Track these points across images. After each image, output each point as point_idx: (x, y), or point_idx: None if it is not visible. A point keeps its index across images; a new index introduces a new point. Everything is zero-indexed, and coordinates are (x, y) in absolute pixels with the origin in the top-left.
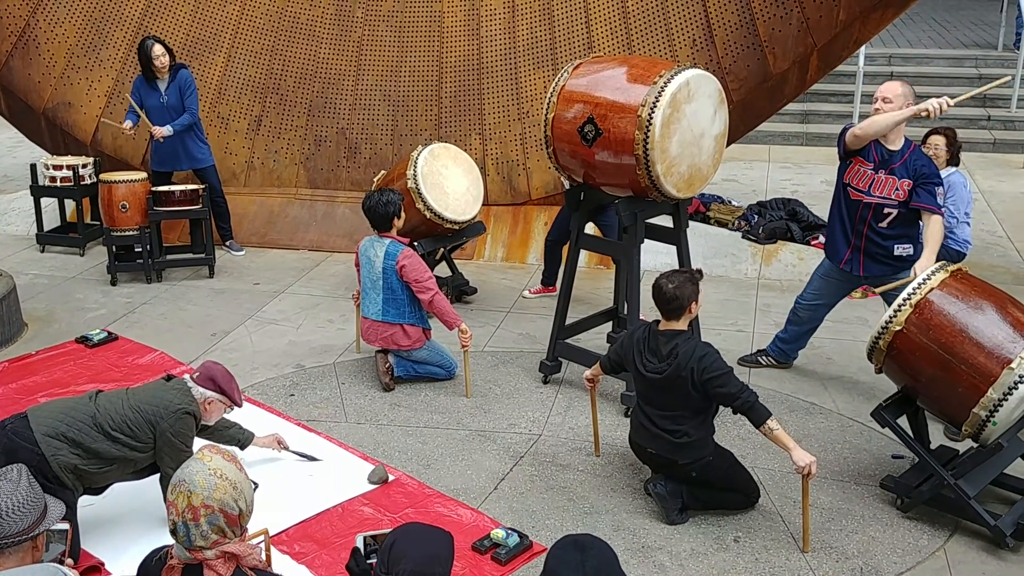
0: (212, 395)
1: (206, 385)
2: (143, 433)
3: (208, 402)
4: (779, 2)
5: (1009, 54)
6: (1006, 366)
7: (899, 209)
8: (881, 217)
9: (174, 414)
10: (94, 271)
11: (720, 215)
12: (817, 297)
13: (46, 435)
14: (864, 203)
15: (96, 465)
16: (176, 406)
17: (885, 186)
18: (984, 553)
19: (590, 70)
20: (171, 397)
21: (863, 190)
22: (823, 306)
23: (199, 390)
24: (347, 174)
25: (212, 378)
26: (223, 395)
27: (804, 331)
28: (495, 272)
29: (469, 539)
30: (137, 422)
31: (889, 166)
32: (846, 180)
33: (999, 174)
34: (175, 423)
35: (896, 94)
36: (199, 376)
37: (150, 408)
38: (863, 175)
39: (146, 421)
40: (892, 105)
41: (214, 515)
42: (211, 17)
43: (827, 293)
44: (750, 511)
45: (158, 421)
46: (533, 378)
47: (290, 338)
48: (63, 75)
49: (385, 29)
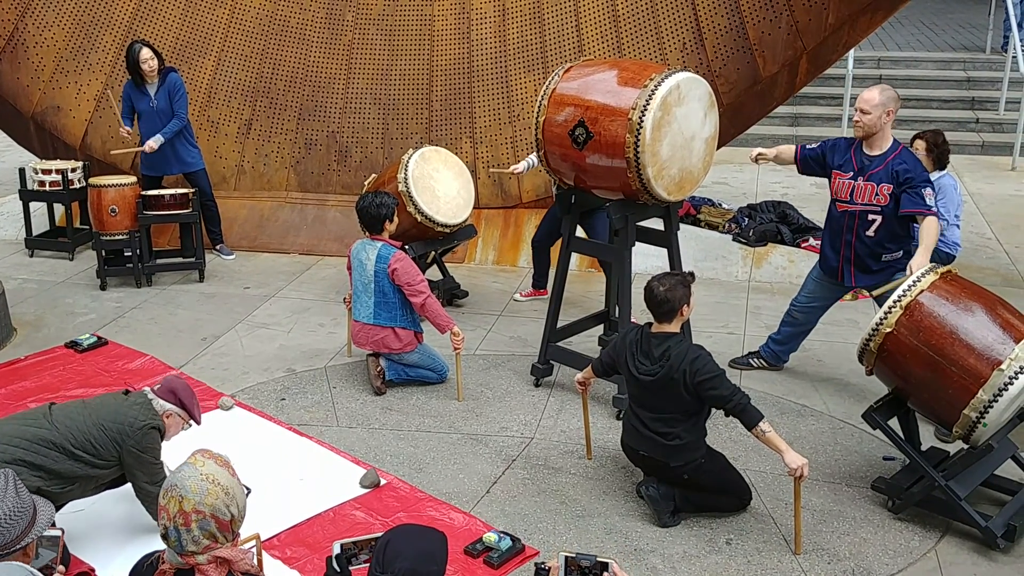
0: (172, 408)
1: (167, 398)
2: (107, 451)
3: (167, 415)
4: (768, 6)
5: (997, 57)
6: (996, 367)
7: (883, 215)
8: (867, 224)
9: (139, 431)
10: (83, 275)
11: (711, 218)
12: (811, 300)
13: (4, 462)
14: (849, 212)
15: (59, 485)
16: (140, 422)
17: (865, 192)
18: (975, 554)
19: (581, 73)
20: (134, 413)
21: (846, 199)
22: (818, 308)
23: (159, 402)
24: (338, 178)
25: (174, 391)
26: (183, 410)
27: (798, 332)
28: (486, 275)
29: (461, 543)
30: (102, 440)
31: (868, 172)
32: (832, 195)
33: (987, 176)
34: (142, 439)
35: (874, 104)
36: (160, 388)
37: (114, 426)
38: (843, 186)
39: (111, 440)
40: (869, 117)
41: (205, 520)
42: (200, 21)
43: (821, 296)
44: (742, 513)
45: (123, 440)
46: (525, 381)
47: (281, 342)
48: (52, 79)
49: (375, 33)
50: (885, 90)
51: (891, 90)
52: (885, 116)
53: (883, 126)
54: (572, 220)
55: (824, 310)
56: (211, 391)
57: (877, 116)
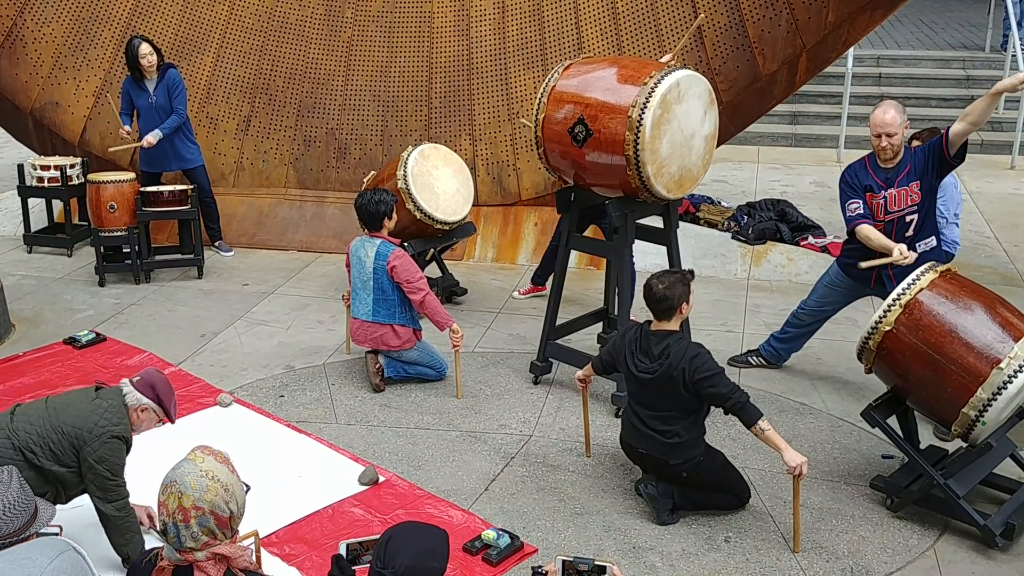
0: (148, 403)
1: (145, 392)
2: (67, 457)
3: (142, 409)
4: (768, 4)
5: (996, 55)
6: (995, 366)
7: (919, 211)
8: (905, 226)
9: (99, 438)
10: (82, 272)
11: (710, 216)
12: (823, 304)
13: None
14: (887, 222)
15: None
16: (102, 428)
17: (899, 198)
18: (974, 553)
19: (580, 71)
20: (96, 418)
21: (882, 216)
22: (828, 312)
23: (135, 395)
24: (337, 175)
25: (152, 385)
26: (159, 405)
27: (802, 333)
28: (485, 273)
29: (460, 540)
30: (61, 445)
31: (895, 180)
32: (873, 216)
33: (987, 175)
34: (99, 448)
35: (896, 125)
36: (139, 381)
37: (74, 431)
38: (878, 205)
39: (70, 445)
40: (897, 137)
41: (204, 517)
42: (200, 17)
43: (832, 301)
44: (741, 511)
45: (82, 445)
46: (524, 379)
47: (279, 339)
48: (51, 75)
49: (375, 29)
50: (896, 106)
51: (898, 104)
52: (904, 130)
53: (902, 148)
54: (571, 218)
55: (833, 313)
56: (209, 388)
57: (901, 133)
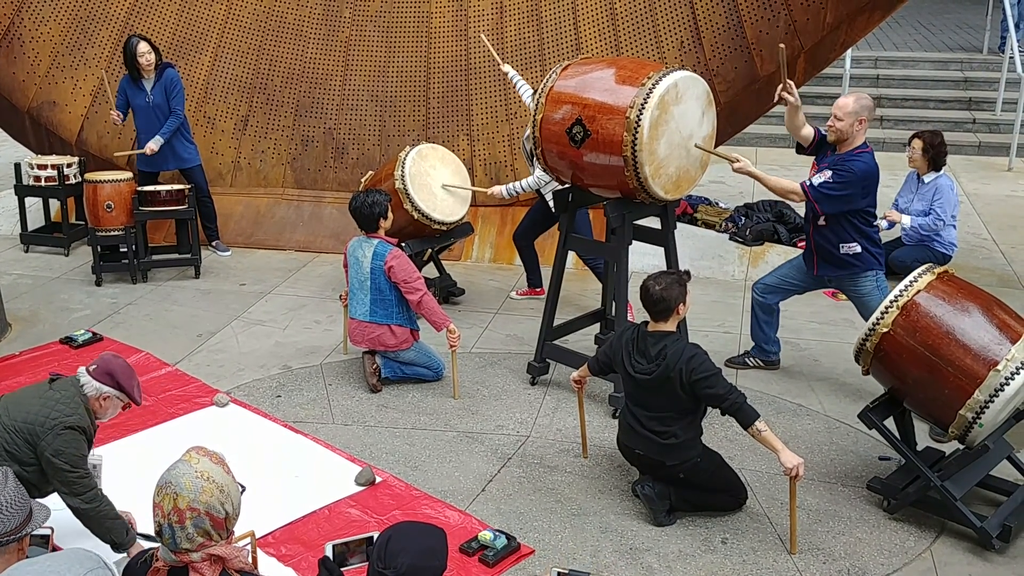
0: (109, 391)
1: (103, 380)
2: (24, 455)
3: (104, 398)
4: (766, 5)
5: (994, 57)
6: (992, 368)
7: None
8: (817, 214)
9: (51, 431)
10: (79, 271)
11: (707, 217)
12: (780, 282)
13: None
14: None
15: None
16: (54, 420)
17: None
18: (970, 555)
19: (578, 71)
20: (47, 411)
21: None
22: (781, 292)
23: (94, 384)
24: (334, 174)
25: (110, 372)
26: (121, 391)
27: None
28: (483, 273)
29: (457, 541)
30: (15, 443)
31: (821, 164)
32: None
33: (984, 177)
34: (54, 441)
35: (847, 112)
36: (96, 369)
37: (26, 426)
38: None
39: (25, 442)
40: (842, 124)
41: (200, 518)
42: (197, 16)
43: (788, 283)
44: (738, 513)
45: (37, 440)
46: (521, 379)
47: (276, 339)
48: (48, 74)
49: (373, 29)
50: (861, 99)
51: (867, 99)
52: (857, 124)
53: (855, 133)
54: (569, 218)
55: (786, 296)
56: (206, 388)
57: (848, 124)
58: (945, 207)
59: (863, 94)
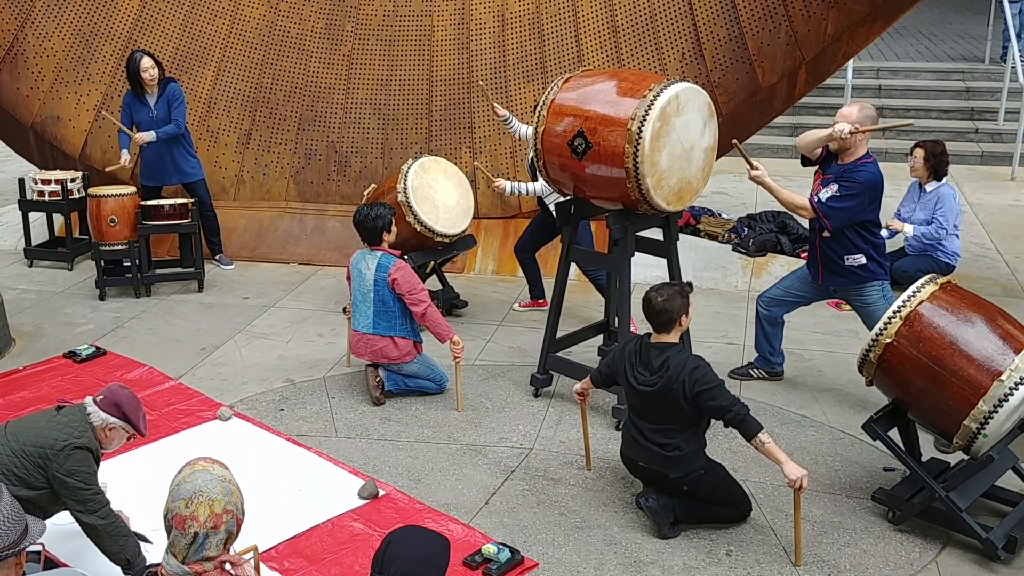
0: (115, 422)
1: (109, 411)
2: (35, 480)
3: (110, 428)
4: (768, 16)
5: (996, 67)
6: (996, 378)
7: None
8: (823, 225)
9: (61, 452)
10: (82, 286)
11: (710, 228)
12: (785, 294)
13: None
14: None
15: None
16: (62, 443)
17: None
18: (976, 566)
19: (580, 84)
20: (56, 434)
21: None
22: (786, 304)
23: (100, 415)
24: (337, 188)
25: (117, 403)
26: (127, 422)
27: (773, 331)
28: (485, 285)
29: (460, 554)
30: (24, 468)
31: (826, 175)
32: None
33: (987, 186)
34: (66, 461)
35: (850, 121)
36: (103, 400)
37: (36, 450)
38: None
39: (35, 466)
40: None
41: (232, 520)
42: (200, 31)
43: (793, 295)
44: (742, 525)
45: (47, 463)
46: (524, 391)
47: (280, 352)
48: (52, 89)
49: (375, 43)
50: (864, 108)
51: (870, 108)
52: (862, 134)
53: (857, 143)
54: (572, 230)
55: (792, 308)
56: (209, 401)
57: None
58: (947, 215)
59: (866, 103)
